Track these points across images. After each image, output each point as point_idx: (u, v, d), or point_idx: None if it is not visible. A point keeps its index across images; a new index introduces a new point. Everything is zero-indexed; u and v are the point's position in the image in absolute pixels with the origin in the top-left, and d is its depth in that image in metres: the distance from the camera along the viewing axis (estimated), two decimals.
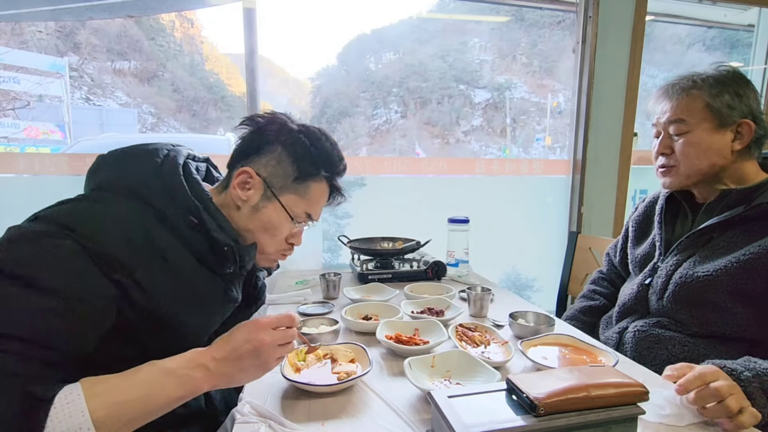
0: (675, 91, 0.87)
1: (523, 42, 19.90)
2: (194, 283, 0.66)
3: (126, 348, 0.60)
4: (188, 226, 0.65)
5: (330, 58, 35.35)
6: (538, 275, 2.02)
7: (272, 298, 1.20)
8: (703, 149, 0.85)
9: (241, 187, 0.72)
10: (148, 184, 0.65)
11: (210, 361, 0.56)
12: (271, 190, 0.73)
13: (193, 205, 0.66)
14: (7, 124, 2.05)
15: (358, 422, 0.63)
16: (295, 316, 0.64)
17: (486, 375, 0.71)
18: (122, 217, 0.60)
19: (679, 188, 0.93)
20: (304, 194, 0.76)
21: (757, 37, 2.32)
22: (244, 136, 0.76)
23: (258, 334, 0.58)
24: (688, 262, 0.86)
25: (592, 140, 1.88)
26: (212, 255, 0.68)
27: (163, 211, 0.64)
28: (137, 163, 0.67)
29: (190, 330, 0.67)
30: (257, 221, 0.74)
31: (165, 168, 0.67)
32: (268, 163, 0.73)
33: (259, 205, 0.73)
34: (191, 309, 0.66)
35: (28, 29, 2.50)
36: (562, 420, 0.49)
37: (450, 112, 19.46)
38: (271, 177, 0.73)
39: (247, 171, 0.72)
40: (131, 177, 0.66)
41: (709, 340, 0.83)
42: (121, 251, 0.57)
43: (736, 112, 0.83)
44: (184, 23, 16.60)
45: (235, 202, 0.73)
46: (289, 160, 0.73)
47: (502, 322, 1.03)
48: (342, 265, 1.77)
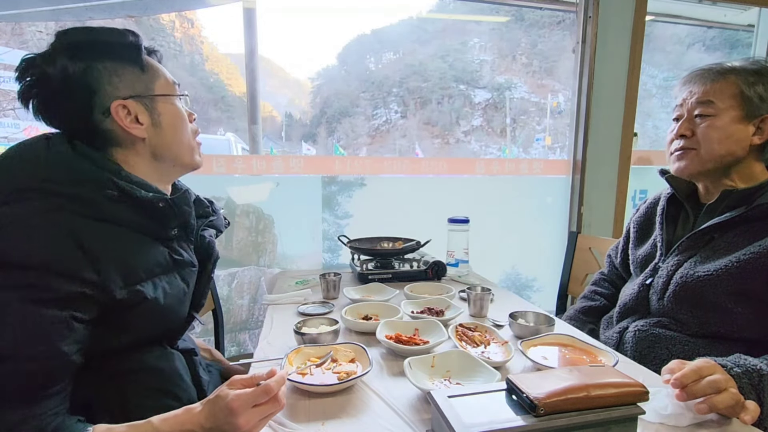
0: (711, 73, 0.86)
1: (523, 42, 19.91)
2: (139, 256, 0.64)
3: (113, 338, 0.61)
4: (109, 201, 0.61)
5: (330, 58, 35.33)
6: (538, 275, 2.02)
7: (272, 298, 1.20)
8: (726, 135, 0.84)
9: (132, 122, 0.67)
10: (46, 177, 0.59)
11: (199, 428, 0.54)
12: (148, 96, 0.68)
13: (104, 177, 0.61)
14: (7, 124, 2.03)
15: (358, 422, 0.63)
16: (272, 387, 0.55)
17: (486, 375, 0.71)
18: (36, 225, 0.55)
19: (691, 175, 0.90)
20: (157, 73, 0.70)
21: (756, 38, 2.32)
22: (45, 101, 0.65)
23: (235, 419, 0.53)
24: (689, 263, 0.86)
25: (592, 140, 1.88)
26: (149, 219, 0.66)
27: (76, 197, 0.59)
28: (23, 160, 0.61)
29: (161, 305, 0.66)
30: (168, 130, 0.70)
31: (53, 154, 0.61)
32: (113, 84, 0.65)
33: (155, 119, 0.69)
34: (148, 284, 0.65)
35: (28, 29, 2.48)
36: (562, 420, 0.49)
37: (450, 112, 19.46)
38: (133, 89, 0.67)
39: (119, 104, 0.65)
40: (24, 176, 0.59)
41: (709, 340, 0.83)
42: (55, 264, 0.54)
43: (765, 105, 0.82)
44: (184, 23, 16.60)
45: (138, 147, 0.68)
46: (118, 64, 0.66)
47: (502, 322, 1.03)
48: (342, 265, 1.77)
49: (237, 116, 11.74)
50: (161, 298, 0.67)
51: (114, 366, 0.63)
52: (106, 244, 0.60)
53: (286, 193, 1.68)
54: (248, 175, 1.65)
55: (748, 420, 0.59)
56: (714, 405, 0.59)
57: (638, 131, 1.97)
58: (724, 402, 0.59)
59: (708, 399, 0.59)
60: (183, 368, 0.71)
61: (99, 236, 0.59)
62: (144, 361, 0.66)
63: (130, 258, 0.63)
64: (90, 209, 0.60)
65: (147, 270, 0.65)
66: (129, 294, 0.61)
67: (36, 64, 0.63)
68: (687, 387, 0.60)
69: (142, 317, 0.64)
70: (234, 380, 0.56)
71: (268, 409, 0.55)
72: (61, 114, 0.66)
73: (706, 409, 0.59)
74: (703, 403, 0.59)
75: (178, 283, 0.72)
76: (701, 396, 0.59)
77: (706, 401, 0.59)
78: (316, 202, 1.73)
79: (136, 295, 0.62)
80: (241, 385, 0.56)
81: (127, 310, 0.62)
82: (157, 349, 0.69)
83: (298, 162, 1.70)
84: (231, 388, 0.55)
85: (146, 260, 0.65)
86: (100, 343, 0.60)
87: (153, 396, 0.65)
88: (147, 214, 0.66)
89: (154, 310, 0.66)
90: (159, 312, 0.67)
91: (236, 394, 0.53)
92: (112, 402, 0.62)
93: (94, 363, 0.60)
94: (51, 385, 0.54)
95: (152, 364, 0.67)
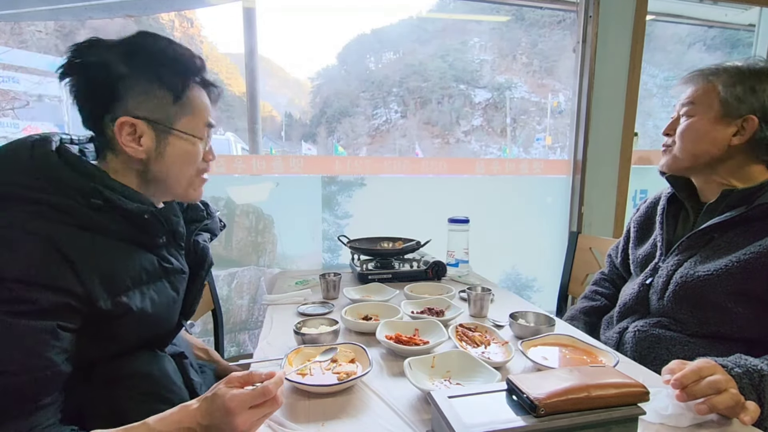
0: (696, 76, 0.90)
1: (524, 42, 19.91)
2: (124, 265, 0.63)
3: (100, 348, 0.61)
4: (93, 209, 0.59)
5: (330, 58, 35.33)
6: (538, 275, 2.02)
7: (272, 299, 1.20)
8: (699, 135, 0.87)
9: (132, 141, 0.65)
10: (25, 183, 0.57)
11: (197, 425, 0.53)
12: (163, 125, 0.66)
13: (88, 187, 0.60)
14: (6, 123, 2.04)
15: (358, 422, 0.62)
16: (270, 389, 0.55)
17: (486, 375, 0.70)
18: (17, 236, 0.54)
19: (671, 171, 0.95)
20: (192, 109, 0.69)
21: (757, 37, 2.32)
22: (76, 86, 0.64)
23: (232, 419, 0.52)
24: (689, 262, 0.86)
25: (592, 140, 1.87)
26: (134, 229, 0.64)
27: (58, 205, 0.57)
28: (4, 163, 0.59)
29: (149, 315, 0.66)
30: (169, 162, 0.68)
31: (37, 159, 0.59)
32: (137, 99, 0.64)
33: (160, 148, 0.67)
34: (135, 294, 0.64)
35: (28, 29, 2.48)
36: (563, 420, 0.49)
37: (450, 112, 19.46)
38: (152, 113, 0.65)
39: (126, 121, 0.63)
40: (4, 181, 0.57)
41: (709, 341, 0.83)
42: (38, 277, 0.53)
43: (744, 105, 0.83)
44: (184, 23, 16.60)
45: (132, 161, 0.66)
46: (155, 85, 0.65)
47: (502, 322, 1.02)
48: (342, 265, 1.76)
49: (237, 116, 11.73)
50: (148, 307, 0.66)
51: (103, 373, 0.62)
52: (90, 254, 0.58)
53: (286, 193, 1.68)
54: (248, 175, 1.64)
55: (748, 421, 0.59)
56: (714, 406, 0.59)
57: (639, 131, 1.97)
58: (724, 402, 0.58)
59: (708, 400, 0.59)
60: (174, 371, 0.71)
61: (82, 245, 0.58)
62: (134, 366, 0.65)
63: (115, 267, 0.61)
64: (73, 218, 0.58)
65: (134, 278, 0.64)
66: (114, 305, 0.60)
67: (101, 46, 0.63)
68: (687, 387, 0.60)
69: (128, 327, 0.63)
70: (232, 378, 0.56)
71: (266, 409, 0.55)
72: (81, 100, 0.65)
73: (706, 409, 0.59)
74: (703, 403, 0.59)
75: (167, 290, 0.71)
76: (701, 397, 0.59)
77: (706, 402, 0.59)
78: (316, 202, 1.72)
79: (121, 306, 0.61)
80: (239, 382, 0.56)
81: (113, 320, 0.61)
82: (147, 353, 0.69)
83: (297, 162, 1.70)
84: (228, 386, 0.55)
85: (132, 268, 0.64)
86: (86, 352, 0.59)
87: (144, 401, 0.64)
88: (132, 224, 0.64)
89: (141, 320, 0.65)
90: (146, 321, 0.66)
91: (233, 394, 0.53)
92: (103, 409, 0.61)
93: (83, 371, 0.60)
94: (42, 396, 0.53)
95: (142, 369, 0.66)
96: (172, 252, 0.73)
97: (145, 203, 0.65)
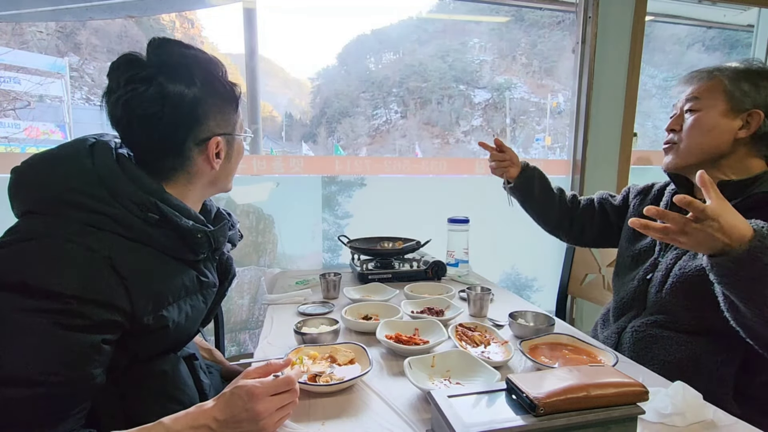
0: (700, 74, 0.91)
1: (523, 42, 19.92)
2: (170, 281, 0.64)
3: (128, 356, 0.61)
4: (149, 224, 0.60)
5: (330, 58, 35.33)
6: (538, 275, 2.02)
7: (272, 298, 1.20)
8: (708, 129, 0.87)
9: (217, 158, 0.69)
10: (87, 191, 0.57)
11: (212, 421, 0.54)
12: (231, 134, 0.71)
13: (147, 201, 0.60)
14: (7, 124, 2.05)
15: (358, 422, 0.63)
16: (293, 378, 0.58)
17: (486, 375, 0.71)
18: (72, 249, 0.53)
19: (677, 168, 0.94)
20: (239, 111, 0.73)
21: (756, 38, 2.32)
22: (158, 115, 0.61)
23: (255, 405, 0.54)
24: (688, 255, 0.88)
25: (591, 140, 1.88)
26: (183, 246, 0.65)
27: (115, 217, 0.57)
28: (64, 168, 0.58)
29: (180, 327, 0.66)
30: (233, 163, 0.74)
31: (99, 167, 0.59)
32: (216, 119, 0.67)
33: (230, 155, 0.72)
34: (174, 308, 0.64)
35: (29, 29, 2.49)
36: (562, 420, 0.49)
37: (450, 112, 19.48)
38: (226, 127, 0.70)
39: (214, 141, 0.67)
40: (65, 185, 0.57)
41: (706, 339, 0.83)
42: (90, 293, 0.53)
43: (749, 100, 0.84)
44: (185, 23, 16.59)
45: (204, 175, 0.70)
46: (224, 104, 0.69)
47: (502, 322, 1.03)
48: (342, 265, 1.77)
49: None
50: (183, 320, 0.66)
51: (120, 375, 0.62)
52: (142, 272, 0.59)
53: (286, 193, 1.68)
54: (248, 175, 1.65)
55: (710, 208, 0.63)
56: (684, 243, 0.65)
57: (638, 131, 1.97)
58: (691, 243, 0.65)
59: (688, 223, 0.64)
60: (186, 373, 0.71)
61: (135, 262, 0.58)
62: (150, 368, 0.65)
63: (161, 283, 0.62)
64: (130, 231, 0.59)
65: (174, 294, 0.64)
66: (155, 320, 0.60)
67: (144, 78, 0.61)
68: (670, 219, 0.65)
69: (159, 338, 0.64)
70: (249, 371, 0.58)
71: (287, 398, 0.57)
72: (149, 131, 0.62)
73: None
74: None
75: (200, 303, 0.71)
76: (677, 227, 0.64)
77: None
78: (316, 202, 1.73)
79: (161, 321, 0.61)
80: (257, 374, 0.58)
81: (149, 333, 0.61)
82: (162, 356, 0.69)
83: (298, 162, 1.70)
84: (247, 378, 0.57)
85: (175, 284, 0.65)
86: (112, 360, 0.58)
87: (158, 401, 0.64)
88: (183, 241, 0.65)
89: (173, 332, 0.65)
90: (177, 332, 0.66)
91: (258, 380, 0.55)
92: (118, 410, 0.61)
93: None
94: (75, 406, 0.53)
95: (157, 371, 0.66)
96: (207, 266, 0.74)
97: (199, 222, 0.67)
